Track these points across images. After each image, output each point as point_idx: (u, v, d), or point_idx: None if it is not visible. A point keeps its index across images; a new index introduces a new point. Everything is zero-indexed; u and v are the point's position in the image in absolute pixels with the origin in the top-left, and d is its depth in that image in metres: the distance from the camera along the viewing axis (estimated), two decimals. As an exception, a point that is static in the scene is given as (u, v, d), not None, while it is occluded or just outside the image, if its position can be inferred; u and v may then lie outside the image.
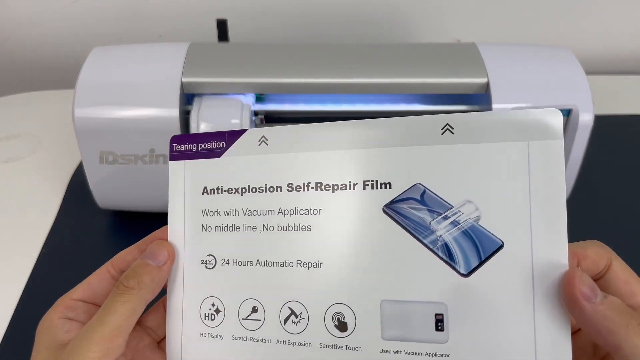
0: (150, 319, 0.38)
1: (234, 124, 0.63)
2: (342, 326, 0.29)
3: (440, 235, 0.28)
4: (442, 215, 0.28)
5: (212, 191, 0.36)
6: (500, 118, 0.28)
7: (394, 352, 0.27)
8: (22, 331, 0.59)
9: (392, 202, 0.29)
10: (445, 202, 0.28)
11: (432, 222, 0.28)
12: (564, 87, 0.65)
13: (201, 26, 0.93)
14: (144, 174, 0.65)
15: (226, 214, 0.34)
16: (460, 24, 1.00)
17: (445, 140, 0.28)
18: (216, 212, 0.35)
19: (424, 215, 0.28)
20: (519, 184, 0.28)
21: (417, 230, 0.28)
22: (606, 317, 0.29)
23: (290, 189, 0.32)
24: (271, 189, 0.32)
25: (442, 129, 0.28)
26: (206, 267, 0.34)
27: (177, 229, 0.36)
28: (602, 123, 0.73)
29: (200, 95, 0.65)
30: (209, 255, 0.34)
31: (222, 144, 0.35)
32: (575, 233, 0.73)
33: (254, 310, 0.31)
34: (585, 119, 0.64)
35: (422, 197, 0.28)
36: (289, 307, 0.31)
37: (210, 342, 0.31)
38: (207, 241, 0.34)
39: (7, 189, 0.77)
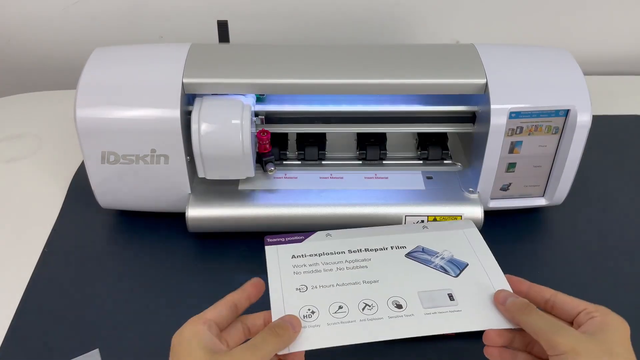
0: None
1: (234, 124, 0.63)
2: (398, 307, 0.50)
3: (437, 264, 0.55)
4: (435, 256, 0.56)
5: (299, 256, 0.55)
6: (449, 226, 0.61)
7: (432, 314, 0.49)
8: (24, 330, 0.60)
9: (409, 253, 0.56)
10: (435, 251, 0.57)
11: (432, 258, 0.55)
12: (562, 88, 0.65)
13: (202, 27, 0.94)
14: (145, 174, 0.65)
15: (310, 264, 0.54)
16: (459, 25, 1.01)
17: (425, 230, 0.60)
18: (302, 264, 0.54)
19: (426, 256, 0.56)
20: (465, 244, 0.57)
21: (426, 262, 0.55)
22: (509, 310, 0.48)
23: (350, 251, 0.56)
24: (338, 252, 0.55)
25: (423, 227, 0.60)
26: (300, 291, 0.51)
27: (274, 280, 0.52)
28: (600, 123, 0.74)
29: (201, 95, 0.65)
30: (302, 285, 0.52)
31: (302, 237, 0.57)
32: (575, 232, 0.74)
33: (340, 308, 0.49)
34: (583, 119, 0.64)
35: (423, 250, 0.57)
36: (364, 302, 0.50)
37: (310, 330, 0.47)
38: (298, 279, 0.52)
39: (9, 189, 0.78)
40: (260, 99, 0.71)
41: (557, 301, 0.48)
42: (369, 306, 0.49)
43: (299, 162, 0.75)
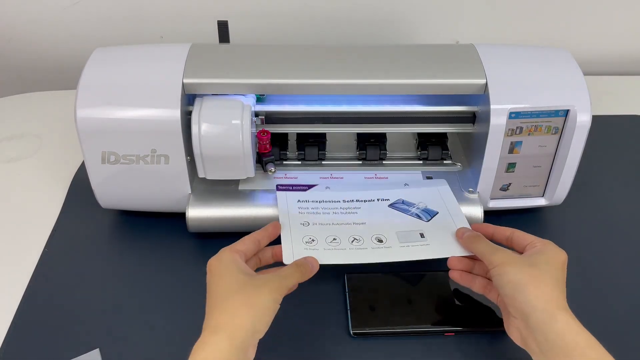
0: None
1: (234, 124, 0.63)
2: (380, 241, 0.62)
3: (413, 212, 0.66)
4: (412, 206, 0.67)
5: (304, 201, 0.67)
6: (426, 183, 0.72)
7: (406, 246, 0.61)
8: (24, 330, 0.60)
9: (391, 203, 0.68)
10: (413, 202, 0.68)
11: (409, 208, 0.67)
12: (562, 88, 0.65)
13: (202, 28, 0.94)
14: (145, 174, 0.66)
15: (312, 207, 0.66)
16: (459, 25, 1.01)
17: (406, 187, 0.71)
18: (305, 207, 0.66)
19: (405, 207, 0.67)
20: (437, 198, 0.68)
21: (404, 211, 0.67)
22: (464, 241, 0.60)
23: (344, 201, 0.68)
24: (334, 201, 0.68)
25: (404, 184, 0.71)
26: (303, 226, 0.63)
27: (283, 215, 0.64)
28: (600, 123, 0.74)
29: (201, 96, 0.66)
30: (305, 221, 0.64)
31: (306, 187, 0.70)
32: (575, 232, 0.74)
33: (334, 239, 0.62)
34: (583, 119, 0.64)
35: (403, 202, 0.68)
36: (353, 237, 0.62)
37: (310, 251, 0.59)
38: (302, 217, 0.64)
39: (10, 189, 0.78)
40: (260, 99, 0.71)
41: (514, 237, 0.58)
42: (357, 240, 0.62)
43: (299, 162, 0.75)
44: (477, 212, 0.67)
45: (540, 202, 0.72)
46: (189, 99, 0.66)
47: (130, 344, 0.58)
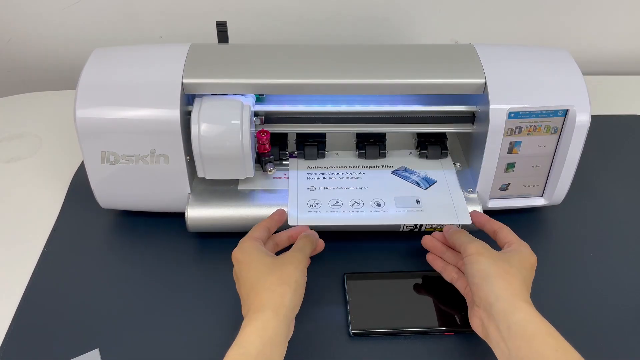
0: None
1: (234, 124, 0.63)
2: (378, 205, 0.67)
3: (413, 179, 0.71)
4: (413, 174, 0.72)
5: (313, 167, 0.73)
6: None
7: (402, 211, 0.66)
8: (24, 330, 0.60)
9: (394, 170, 0.73)
10: (415, 170, 0.73)
11: (410, 175, 0.72)
12: (561, 88, 0.65)
13: (202, 28, 0.94)
14: (145, 174, 0.66)
15: (320, 173, 0.72)
16: (458, 25, 1.01)
17: (410, 155, 0.76)
18: (314, 173, 0.72)
19: (406, 174, 0.72)
20: (439, 168, 0.73)
21: (405, 178, 0.72)
22: (446, 232, 0.63)
23: (350, 167, 0.73)
24: (341, 167, 0.73)
25: (409, 153, 0.77)
26: (310, 190, 0.69)
27: (292, 180, 0.70)
28: (599, 123, 0.74)
29: (200, 95, 0.66)
30: (312, 186, 0.70)
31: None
32: (574, 232, 0.74)
33: (337, 202, 0.67)
34: (582, 119, 0.64)
35: (405, 170, 0.73)
36: (354, 200, 0.68)
37: (314, 213, 0.66)
38: (310, 182, 0.70)
39: (9, 189, 0.78)
40: (259, 99, 0.71)
41: (499, 233, 0.61)
42: (357, 203, 0.67)
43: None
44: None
45: (540, 201, 0.72)
46: (189, 98, 0.66)
47: (130, 344, 0.59)
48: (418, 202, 0.68)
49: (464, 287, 0.59)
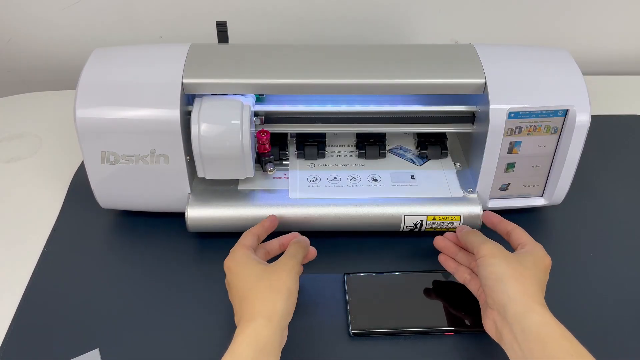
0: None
1: (234, 124, 0.63)
2: (375, 180, 0.71)
3: (408, 157, 0.75)
4: (408, 152, 0.76)
5: (313, 164, 0.75)
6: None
7: (397, 185, 0.70)
8: (24, 330, 0.60)
9: (390, 149, 0.76)
10: (410, 149, 0.76)
11: (406, 153, 0.76)
12: (561, 88, 0.65)
13: (202, 28, 0.94)
14: (145, 174, 0.66)
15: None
16: (458, 25, 1.01)
17: (406, 136, 0.79)
18: (313, 164, 0.75)
19: (402, 152, 0.76)
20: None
21: (401, 156, 0.75)
22: (460, 233, 0.62)
23: (348, 145, 0.77)
24: (341, 145, 0.77)
25: (404, 133, 0.80)
26: (310, 167, 0.73)
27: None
28: (599, 123, 0.74)
29: (200, 95, 0.66)
30: (312, 163, 0.74)
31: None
32: (574, 232, 0.74)
33: (335, 178, 0.71)
34: (582, 119, 0.64)
35: (401, 148, 0.77)
36: (352, 176, 0.72)
37: (313, 187, 0.70)
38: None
39: (9, 189, 0.78)
40: (259, 99, 0.71)
41: (512, 234, 0.60)
42: (355, 178, 0.72)
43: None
44: (477, 211, 0.67)
45: (540, 201, 0.72)
46: (189, 98, 0.66)
47: (130, 344, 0.59)
48: (412, 177, 0.72)
49: (477, 289, 0.59)
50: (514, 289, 0.52)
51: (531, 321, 0.50)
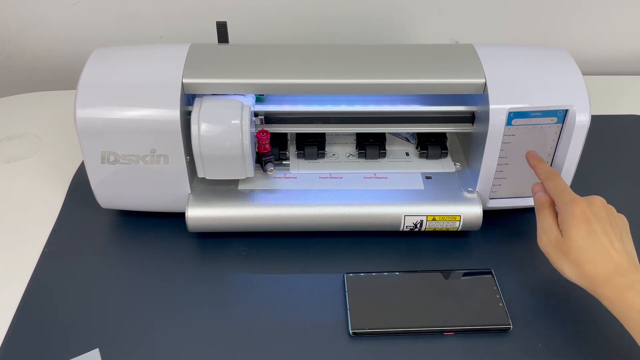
0: None
1: (234, 124, 0.63)
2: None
3: (403, 135, 0.78)
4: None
5: (313, 164, 0.75)
6: None
7: (393, 162, 0.75)
8: (24, 330, 0.60)
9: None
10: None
11: (401, 132, 0.78)
12: (561, 88, 0.65)
13: (202, 28, 0.94)
14: (145, 174, 0.66)
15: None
16: (458, 25, 1.01)
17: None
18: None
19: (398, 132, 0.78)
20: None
21: (397, 135, 0.78)
22: (543, 173, 0.63)
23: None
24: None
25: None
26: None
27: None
28: (599, 123, 0.74)
29: (200, 95, 0.66)
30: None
31: None
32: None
33: (334, 155, 0.75)
34: (582, 119, 0.64)
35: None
36: (350, 153, 0.75)
37: (314, 163, 0.74)
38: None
39: (10, 189, 0.78)
40: (259, 99, 0.71)
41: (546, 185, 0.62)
42: (352, 155, 0.76)
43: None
44: (477, 211, 0.67)
45: (540, 201, 0.71)
46: (189, 98, 0.66)
47: (130, 344, 0.59)
48: (407, 154, 0.76)
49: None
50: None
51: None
